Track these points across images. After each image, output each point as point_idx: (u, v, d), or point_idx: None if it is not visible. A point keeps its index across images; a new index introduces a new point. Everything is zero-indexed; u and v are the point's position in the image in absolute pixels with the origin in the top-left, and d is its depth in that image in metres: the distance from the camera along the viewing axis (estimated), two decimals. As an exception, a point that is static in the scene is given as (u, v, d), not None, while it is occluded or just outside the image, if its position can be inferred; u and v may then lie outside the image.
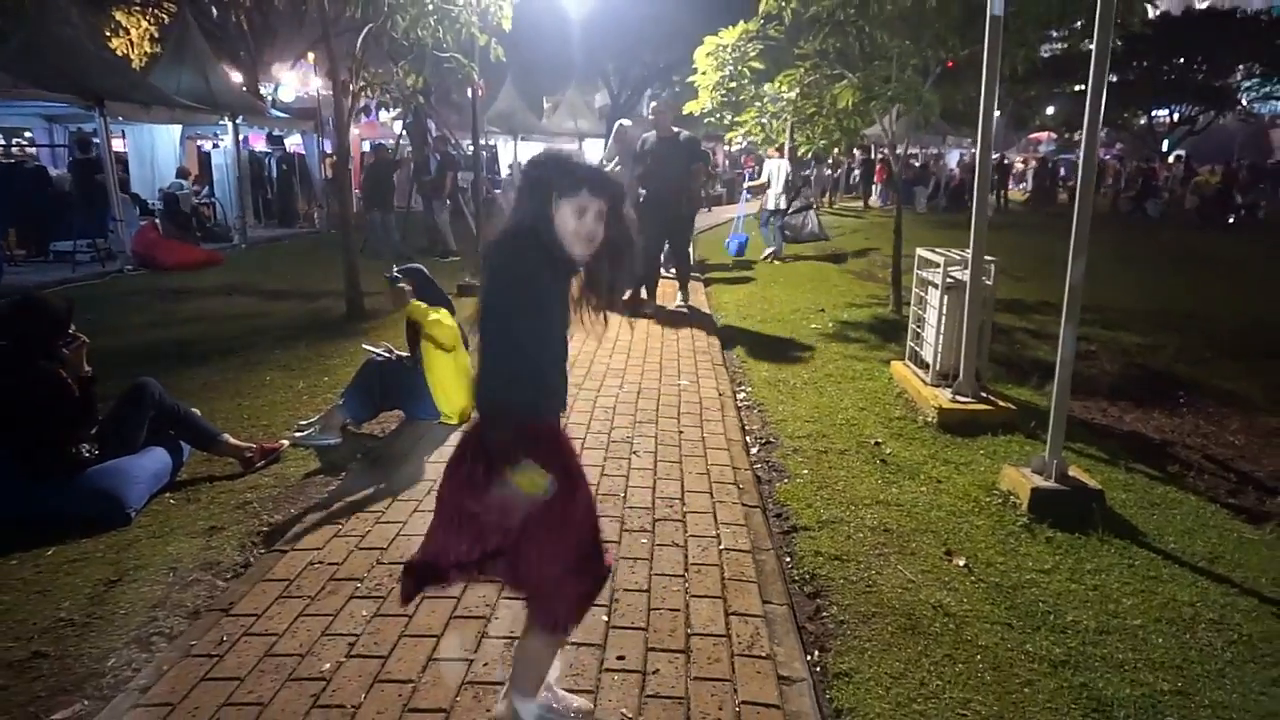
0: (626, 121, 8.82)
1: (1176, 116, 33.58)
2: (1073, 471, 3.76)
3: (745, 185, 14.96)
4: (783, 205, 12.83)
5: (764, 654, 2.46)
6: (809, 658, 2.53)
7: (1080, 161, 3.71)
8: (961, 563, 3.20)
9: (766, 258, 12.38)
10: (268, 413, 4.94)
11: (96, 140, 11.25)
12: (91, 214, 11.34)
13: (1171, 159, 29.30)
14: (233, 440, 4.14)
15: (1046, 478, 3.69)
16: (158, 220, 12.32)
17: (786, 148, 11.14)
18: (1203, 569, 3.23)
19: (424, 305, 4.45)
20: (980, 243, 4.60)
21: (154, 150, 14.31)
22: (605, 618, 2.64)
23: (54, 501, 3.55)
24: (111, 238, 11.42)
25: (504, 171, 24.15)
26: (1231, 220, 20.56)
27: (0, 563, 3.21)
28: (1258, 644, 2.72)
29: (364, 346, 4.96)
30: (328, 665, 2.40)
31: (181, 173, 13.90)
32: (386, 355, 4.72)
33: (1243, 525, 3.68)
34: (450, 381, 4.55)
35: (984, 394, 4.92)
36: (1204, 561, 3.29)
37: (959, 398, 4.85)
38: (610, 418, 4.80)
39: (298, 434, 4.44)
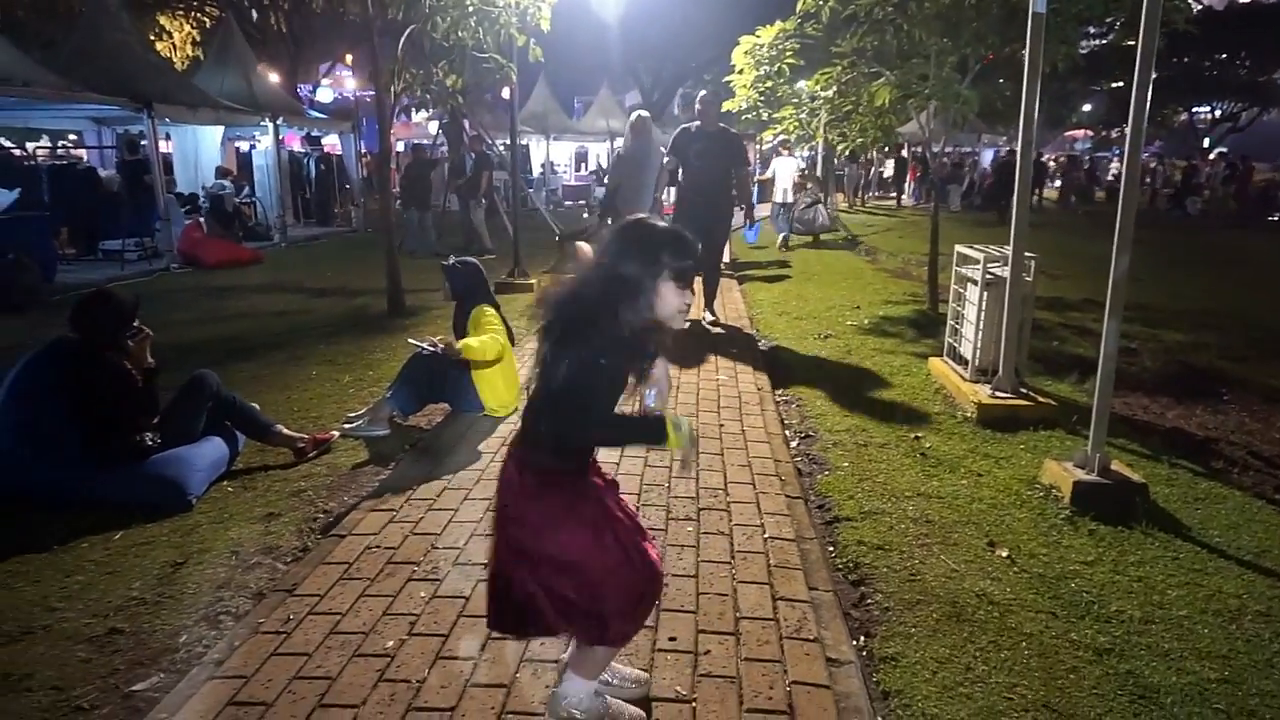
0: (645, 112, 8.25)
1: (1218, 113, 32.99)
2: (1115, 466, 3.77)
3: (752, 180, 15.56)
4: (789, 199, 14.35)
5: (811, 637, 2.51)
6: (855, 642, 2.58)
7: (1124, 160, 3.72)
8: (1004, 554, 3.23)
9: (780, 246, 13.79)
10: (316, 405, 5.08)
11: (144, 142, 11.55)
12: (139, 214, 11.66)
13: (1213, 156, 28.78)
14: (286, 431, 4.28)
15: (1089, 471, 3.70)
16: (202, 219, 12.61)
17: (819, 146, 11.28)
18: (1249, 562, 3.23)
19: (468, 343, 4.54)
20: (1021, 239, 4.61)
21: (198, 151, 14.65)
22: (656, 601, 2.72)
23: (120, 488, 3.69)
24: (158, 236, 11.71)
25: (535, 171, 24.36)
26: (1276, 219, 20.17)
27: (72, 545, 3.35)
28: (1305, 636, 2.72)
29: (409, 341, 5.07)
30: (391, 643, 2.50)
31: (221, 172, 14.21)
32: (432, 349, 4.82)
33: (1289, 521, 3.67)
34: (496, 378, 4.66)
35: (1023, 390, 4.93)
36: (1250, 555, 3.29)
37: (998, 393, 4.86)
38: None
39: (347, 426, 4.56)
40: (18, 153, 13.70)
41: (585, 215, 11.87)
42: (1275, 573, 3.15)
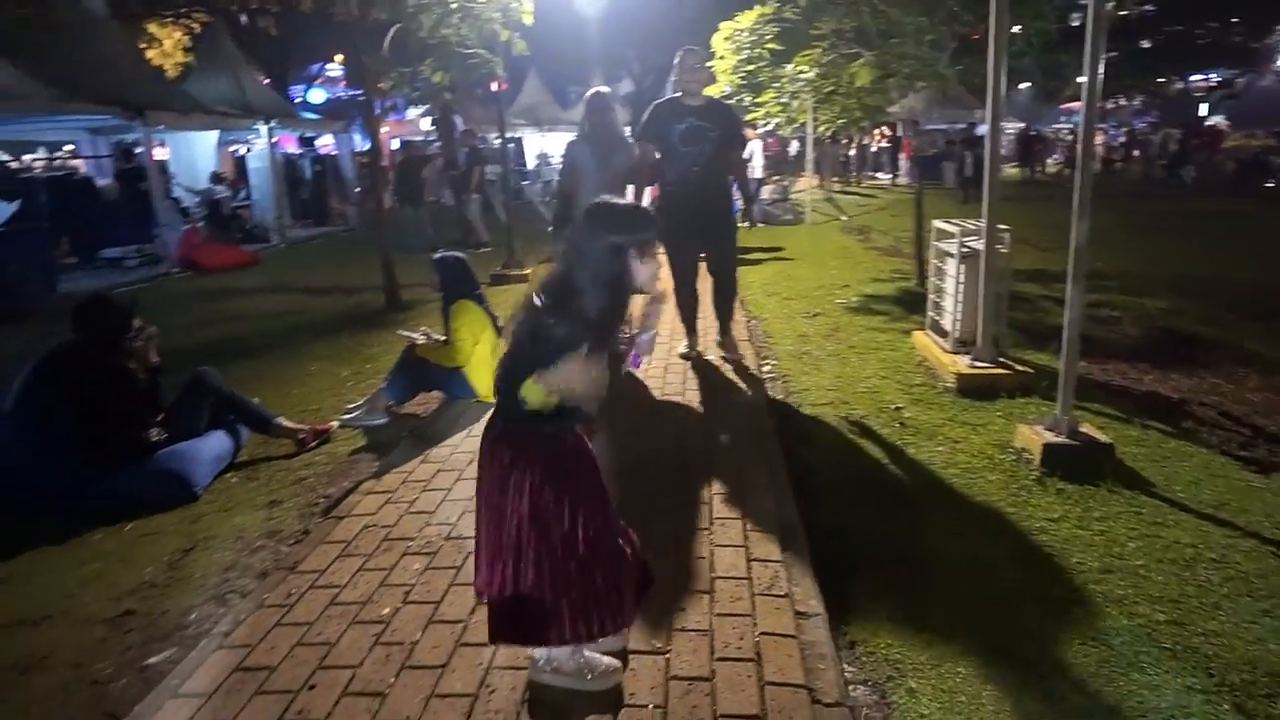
0: (604, 88, 6.38)
1: (1215, 80, 32.91)
2: (1085, 428, 3.90)
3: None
4: (760, 176, 14.96)
5: (782, 593, 2.67)
6: (823, 597, 2.74)
7: (1080, 128, 3.84)
8: (972, 514, 3.38)
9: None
10: (316, 398, 5.25)
11: (139, 150, 11.70)
12: (137, 221, 11.82)
13: (1209, 124, 28.73)
14: (287, 423, 4.44)
15: (1058, 434, 3.84)
16: (199, 225, 12.77)
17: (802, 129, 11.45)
18: (1207, 515, 3.37)
19: (432, 347, 4.92)
20: (994, 212, 4.74)
21: (193, 157, 14.79)
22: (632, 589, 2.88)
23: (128, 483, 3.85)
24: (156, 243, 11.87)
25: (530, 163, 24.47)
26: (1271, 185, 20.18)
27: (85, 537, 3.53)
28: (1254, 580, 2.87)
29: (400, 332, 5.24)
30: (386, 610, 2.67)
31: (215, 178, 14.36)
32: (424, 340, 4.99)
33: (1251, 475, 3.80)
34: (485, 365, 4.82)
35: (1002, 359, 5.06)
36: (1209, 508, 3.43)
37: (977, 363, 5.00)
38: (636, 387, 5.03)
39: (346, 416, 4.73)
40: (15, 165, 13.86)
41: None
42: (1230, 523, 3.29)
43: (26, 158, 15.99)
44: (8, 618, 2.94)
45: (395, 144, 24.06)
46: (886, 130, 24.69)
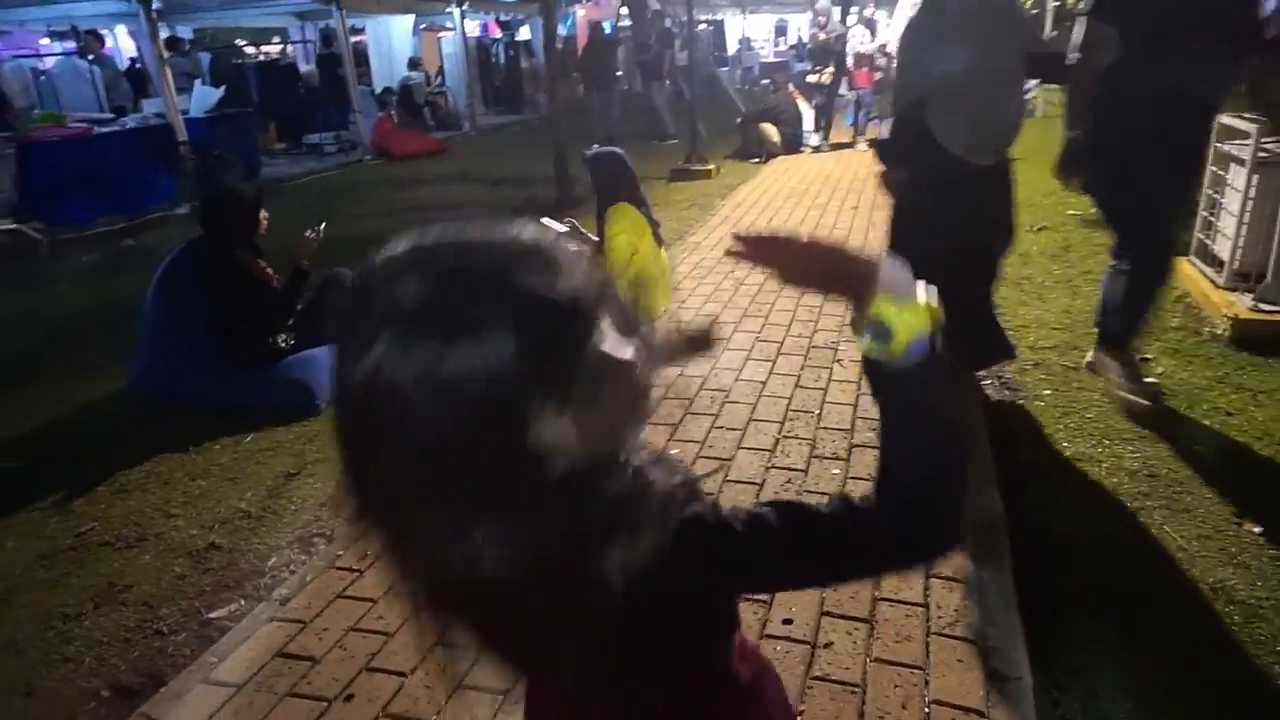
0: None
1: None
2: None
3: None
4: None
5: (967, 636, 1.95)
6: (1030, 646, 1.99)
7: None
8: (1258, 530, 2.44)
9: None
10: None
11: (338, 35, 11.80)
12: (336, 108, 12.05)
13: None
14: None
15: (1395, 420, 2.76)
16: (393, 112, 12.88)
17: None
18: None
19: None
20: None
21: (391, 43, 14.87)
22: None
23: (254, 390, 3.67)
24: (352, 128, 12.07)
25: (731, 48, 23.05)
26: None
27: (206, 447, 3.38)
28: None
29: (543, 221, 4.73)
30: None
31: (413, 64, 14.38)
32: (569, 230, 4.45)
33: None
34: (642, 278, 4.24)
35: (1302, 302, 3.84)
36: None
37: (1263, 305, 3.82)
38: (815, 318, 4.27)
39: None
40: (227, 51, 14.52)
41: (773, 93, 10.80)
42: None
43: (239, 42, 16.79)
44: (110, 534, 2.81)
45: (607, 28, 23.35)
46: None
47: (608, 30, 13.63)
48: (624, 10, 16.69)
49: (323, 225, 3.94)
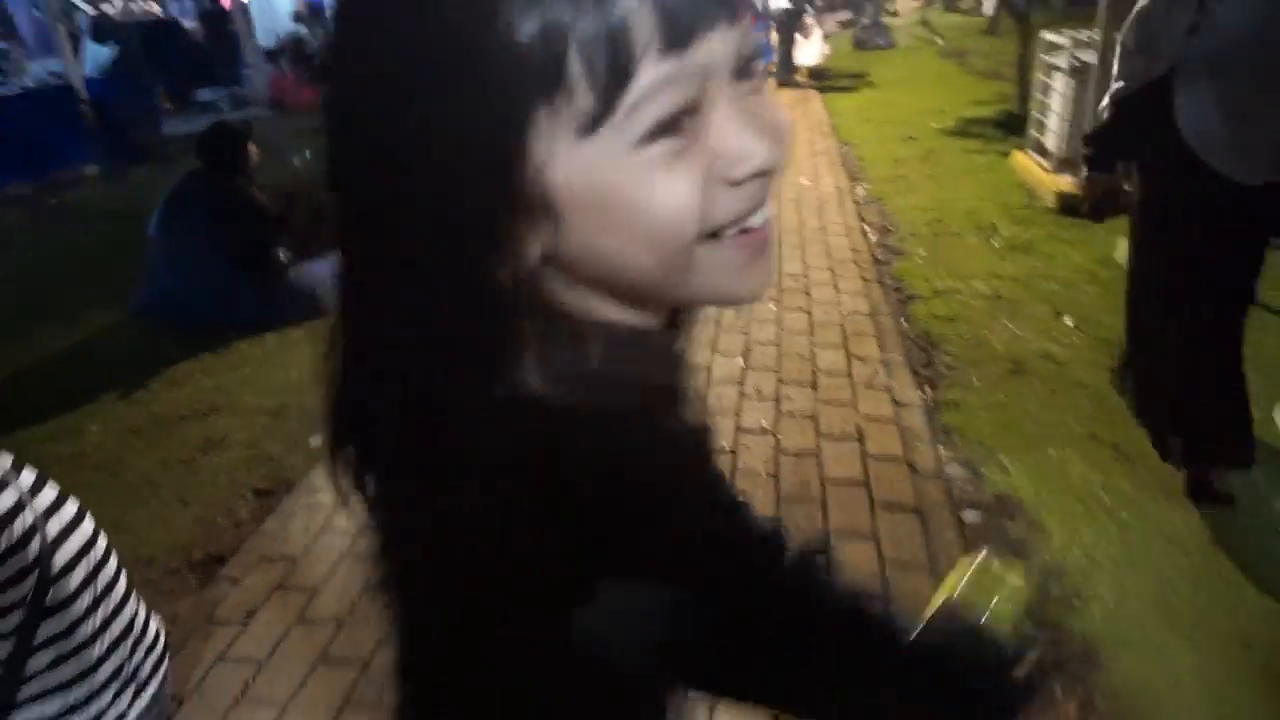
0: None
1: None
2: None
3: None
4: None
5: (881, 386, 2.84)
6: (921, 392, 2.89)
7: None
8: (1070, 322, 3.43)
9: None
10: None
11: (219, -11, 11.70)
12: (225, 64, 11.99)
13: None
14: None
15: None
16: (284, 64, 12.86)
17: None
18: None
19: None
20: (1111, 21, 4.47)
21: (271, -3, 14.66)
22: (741, 362, 3.07)
23: (264, 300, 4.19)
24: (245, 82, 12.05)
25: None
26: None
27: (235, 345, 3.90)
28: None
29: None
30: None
31: (296, 17, 14.28)
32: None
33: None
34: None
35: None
36: None
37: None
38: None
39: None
40: (109, 11, 14.02)
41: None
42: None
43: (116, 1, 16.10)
44: (184, 411, 3.33)
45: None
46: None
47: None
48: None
49: (308, 153, 4.44)
